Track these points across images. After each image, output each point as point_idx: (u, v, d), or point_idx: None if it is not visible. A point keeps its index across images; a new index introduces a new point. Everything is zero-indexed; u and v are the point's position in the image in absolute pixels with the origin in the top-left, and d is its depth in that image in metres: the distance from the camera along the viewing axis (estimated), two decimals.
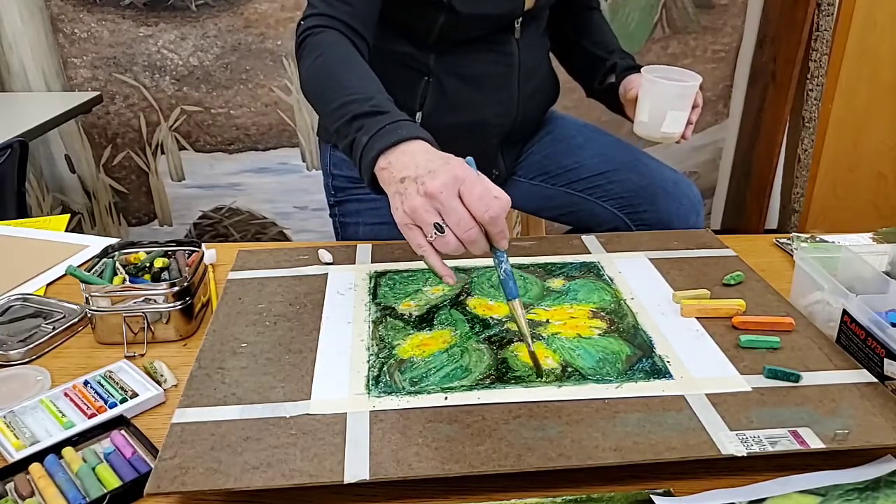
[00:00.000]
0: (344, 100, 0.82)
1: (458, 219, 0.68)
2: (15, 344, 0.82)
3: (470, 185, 0.68)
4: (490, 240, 0.71)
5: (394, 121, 0.77)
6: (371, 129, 0.77)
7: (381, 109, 0.79)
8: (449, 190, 0.68)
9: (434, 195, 0.68)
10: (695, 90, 1.06)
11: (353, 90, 0.83)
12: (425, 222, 0.69)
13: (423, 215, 0.69)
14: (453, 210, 0.68)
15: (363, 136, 0.77)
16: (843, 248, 0.86)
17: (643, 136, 1.09)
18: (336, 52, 0.89)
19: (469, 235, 0.68)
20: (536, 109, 1.21)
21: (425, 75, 1.08)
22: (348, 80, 0.85)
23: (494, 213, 0.68)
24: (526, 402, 0.68)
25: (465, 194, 0.68)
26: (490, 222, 0.68)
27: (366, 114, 0.79)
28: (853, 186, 2.32)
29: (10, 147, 1.55)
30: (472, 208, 0.68)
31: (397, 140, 0.74)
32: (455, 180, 0.68)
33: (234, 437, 0.64)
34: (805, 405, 0.68)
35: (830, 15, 2.14)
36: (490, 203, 0.68)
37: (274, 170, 2.48)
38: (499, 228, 0.69)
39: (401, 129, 0.75)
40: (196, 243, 0.93)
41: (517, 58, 1.11)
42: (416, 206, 0.69)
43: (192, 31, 2.27)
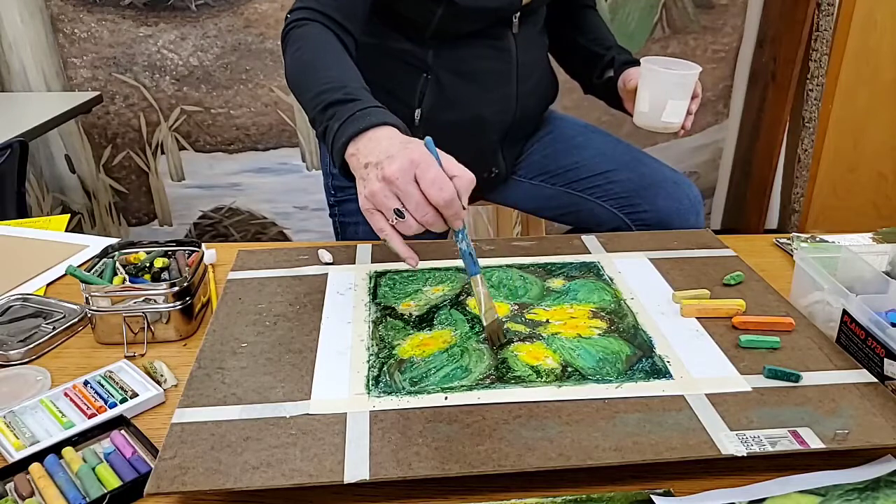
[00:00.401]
0: (319, 88, 0.83)
1: (415, 203, 0.70)
2: (15, 344, 0.82)
3: (424, 168, 0.70)
4: (446, 221, 0.72)
5: (364, 108, 0.78)
6: (342, 116, 0.78)
7: (353, 97, 0.80)
8: (405, 175, 0.70)
9: (391, 180, 0.70)
10: (694, 79, 1.06)
11: (329, 79, 0.84)
12: (386, 207, 0.71)
13: (383, 200, 0.71)
14: (409, 195, 0.70)
15: (335, 123, 0.79)
16: (843, 248, 0.86)
17: (643, 127, 1.09)
18: (316, 43, 0.91)
19: (426, 219, 0.71)
20: (535, 107, 1.22)
21: (424, 72, 1.08)
22: (325, 69, 0.87)
23: (448, 196, 0.69)
24: (526, 402, 0.68)
25: (420, 178, 0.70)
26: (444, 205, 0.70)
27: (338, 101, 0.80)
28: (853, 186, 2.32)
29: (10, 147, 1.55)
30: (426, 192, 0.70)
31: (365, 126, 0.76)
32: (411, 164, 0.70)
33: (234, 437, 0.64)
34: (805, 405, 0.68)
35: (830, 15, 2.14)
36: (443, 186, 0.69)
37: (274, 170, 2.48)
38: (452, 211, 0.71)
39: (369, 116, 0.77)
40: (196, 243, 0.93)
41: (515, 55, 1.11)
42: (376, 190, 0.71)
43: (192, 31, 2.27)
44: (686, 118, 1.07)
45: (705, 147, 2.64)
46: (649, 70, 1.05)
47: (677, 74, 1.04)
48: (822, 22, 2.15)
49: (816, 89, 2.23)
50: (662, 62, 1.06)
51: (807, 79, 2.23)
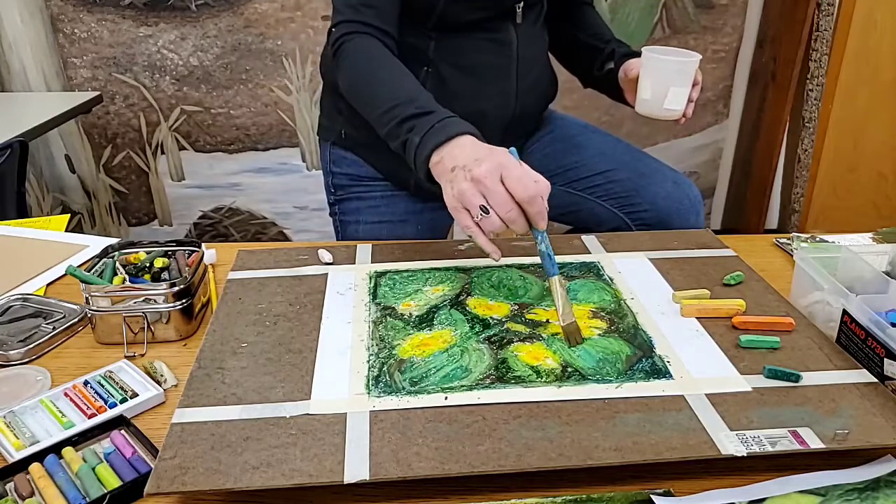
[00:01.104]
0: (389, 104, 0.90)
1: (500, 200, 0.76)
2: (15, 344, 0.82)
3: (511, 169, 0.77)
4: (529, 220, 0.78)
5: (441, 119, 0.85)
6: (422, 129, 0.85)
7: (427, 109, 0.87)
8: (492, 175, 0.76)
9: (479, 180, 0.77)
10: (695, 66, 1.07)
11: (396, 94, 0.91)
12: (472, 204, 0.77)
13: (470, 198, 0.77)
14: (496, 193, 0.76)
15: (415, 137, 0.85)
16: (843, 248, 0.86)
17: (645, 115, 1.09)
18: (372, 57, 0.97)
19: (510, 216, 0.76)
20: (535, 103, 1.22)
21: (424, 65, 1.08)
22: (389, 84, 0.93)
23: (532, 194, 0.76)
24: (526, 402, 0.68)
25: (506, 178, 0.76)
26: (528, 202, 0.76)
27: (413, 116, 0.87)
28: (853, 186, 2.32)
29: (10, 147, 1.55)
30: (512, 191, 0.76)
31: (447, 137, 0.83)
32: (498, 166, 0.77)
33: (234, 437, 0.64)
34: (805, 405, 0.68)
35: (830, 15, 2.14)
36: (528, 185, 0.76)
37: (274, 170, 2.48)
38: (536, 209, 0.77)
39: (448, 127, 0.84)
40: (196, 243, 0.93)
41: (516, 49, 1.11)
42: (464, 189, 0.78)
43: (192, 31, 2.27)
44: (687, 105, 1.08)
45: (705, 147, 2.64)
46: (650, 58, 1.05)
47: (678, 62, 1.05)
48: (822, 22, 2.15)
49: (816, 89, 2.22)
50: (662, 51, 1.07)
51: (807, 79, 2.23)
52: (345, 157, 1.20)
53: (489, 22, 1.08)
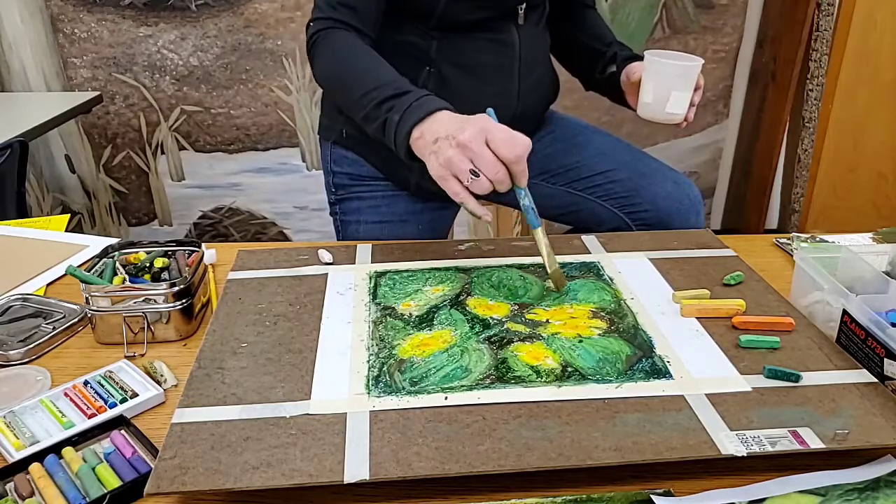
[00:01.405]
0: (367, 88, 0.92)
1: (488, 163, 0.79)
2: (15, 344, 0.82)
3: (495, 132, 0.80)
4: (512, 179, 0.82)
5: (418, 97, 0.88)
6: (401, 108, 0.87)
7: (404, 90, 0.90)
8: (477, 139, 0.79)
9: (465, 145, 0.79)
10: (697, 70, 1.07)
11: (373, 78, 0.93)
12: (461, 170, 0.80)
13: (458, 164, 0.80)
14: (483, 156, 0.79)
15: (394, 115, 0.88)
16: (843, 248, 0.86)
17: (647, 118, 1.10)
18: (347, 48, 0.98)
19: (498, 176, 0.80)
20: (536, 104, 1.22)
21: (427, 65, 1.08)
22: (364, 71, 0.95)
23: (519, 153, 0.80)
24: (526, 402, 0.68)
25: (491, 141, 0.80)
26: (515, 161, 0.80)
27: (391, 96, 0.89)
28: (853, 186, 2.32)
29: (10, 147, 1.55)
30: (498, 152, 0.79)
31: (426, 113, 0.86)
32: (482, 131, 0.80)
33: (234, 437, 0.64)
34: (805, 405, 0.68)
35: (830, 15, 2.14)
36: (514, 146, 0.80)
37: (274, 170, 2.48)
38: (521, 167, 0.81)
39: (426, 104, 0.87)
40: (196, 243, 0.93)
41: (518, 50, 1.11)
42: (451, 156, 0.80)
43: (192, 31, 2.27)
44: (689, 109, 1.08)
45: (705, 147, 2.64)
46: (653, 62, 1.05)
47: (681, 66, 1.05)
48: (822, 22, 2.15)
49: (816, 89, 2.22)
50: (664, 55, 1.07)
51: (807, 79, 2.23)
52: (345, 157, 1.20)
53: (491, 22, 1.08)
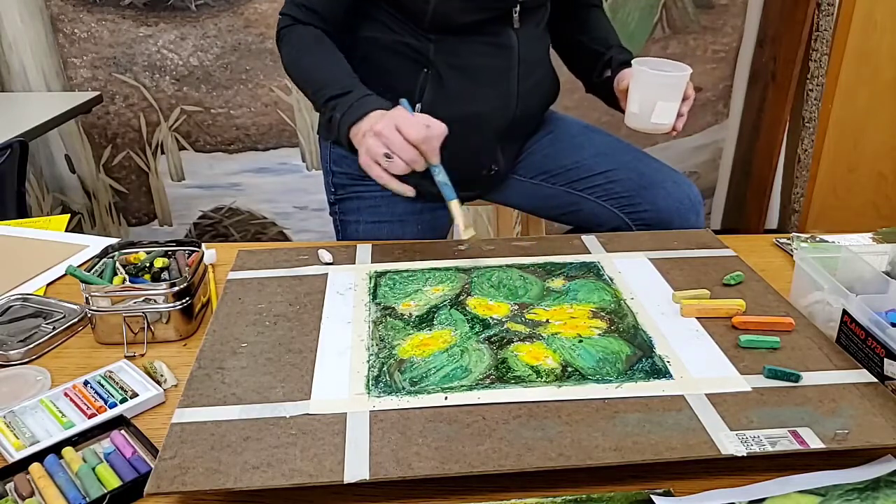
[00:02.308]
0: (317, 86, 1.02)
1: (398, 145, 0.89)
2: (15, 344, 0.82)
3: (403, 119, 0.91)
4: (425, 158, 0.92)
5: (359, 98, 0.98)
6: (343, 107, 0.98)
7: (348, 89, 0.99)
8: (389, 126, 0.90)
9: (379, 133, 0.90)
10: (685, 81, 1.05)
11: (323, 76, 1.03)
12: (377, 154, 0.90)
13: (375, 149, 0.91)
14: (394, 140, 0.89)
15: (338, 114, 0.98)
16: (843, 248, 0.86)
17: (634, 128, 1.09)
18: (305, 44, 1.07)
19: (409, 156, 0.90)
20: (535, 106, 1.22)
21: (424, 67, 1.08)
22: (317, 67, 1.05)
23: (424, 135, 0.90)
24: (526, 402, 0.68)
25: (400, 127, 0.90)
26: (422, 142, 0.90)
27: (336, 95, 0.99)
28: (853, 186, 2.32)
29: (10, 147, 1.55)
30: (406, 135, 0.89)
31: (363, 113, 0.95)
32: (392, 119, 0.91)
33: (234, 437, 0.64)
34: (805, 405, 0.68)
35: (830, 15, 2.14)
36: (419, 129, 0.90)
37: (274, 170, 2.48)
38: (429, 146, 0.91)
39: (364, 105, 0.96)
40: (196, 243, 0.93)
41: (517, 52, 1.11)
42: (370, 144, 0.91)
43: (192, 31, 2.27)
44: (678, 120, 1.07)
45: (705, 147, 2.64)
46: (639, 71, 1.05)
47: (666, 76, 1.04)
48: (822, 22, 2.15)
49: (816, 89, 2.22)
50: (654, 63, 1.06)
51: (807, 79, 2.23)
52: (345, 157, 1.20)
53: (487, 25, 1.08)
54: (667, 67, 1.06)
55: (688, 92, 1.07)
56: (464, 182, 1.22)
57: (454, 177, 1.23)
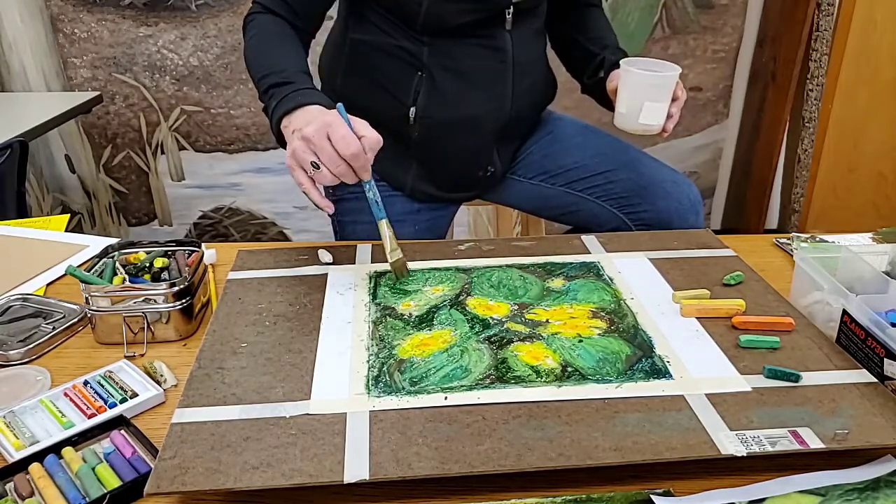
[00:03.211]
0: (264, 72, 0.97)
1: (328, 157, 0.83)
2: (15, 344, 0.82)
3: (335, 128, 0.83)
4: (356, 173, 0.85)
5: (297, 89, 0.92)
6: (279, 96, 0.93)
7: (289, 80, 0.94)
8: (319, 133, 0.83)
9: (308, 139, 0.83)
10: (673, 81, 1.04)
11: (270, 63, 0.98)
12: (304, 161, 0.84)
13: (302, 155, 0.84)
14: (323, 150, 0.83)
15: (273, 102, 0.93)
16: (843, 248, 0.86)
17: (622, 129, 1.07)
18: (266, 32, 1.04)
19: (339, 170, 0.84)
20: (530, 107, 1.21)
21: (418, 70, 1.08)
22: (269, 56, 1.01)
23: (354, 151, 0.82)
24: (526, 402, 0.68)
25: (331, 136, 0.82)
26: (351, 158, 0.83)
27: (277, 84, 0.94)
28: (853, 186, 2.32)
29: (10, 147, 1.55)
30: (336, 147, 0.82)
31: (296, 105, 0.90)
32: (324, 126, 0.83)
33: (234, 437, 0.64)
34: (805, 405, 0.68)
35: (830, 15, 2.14)
36: (350, 143, 0.82)
37: (274, 170, 2.48)
38: (359, 163, 0.84)
39: (300, 96, 0.91)
40: (196, 243, 0.93)
41: (511, 54, 1.11)
42: (296, 148, 0.85)
43: (192, 31, 2.27)
44: (667, 120, 1.06)
45: (705, 147, 2.64)
46: (626, 71, 1.03)
47: (653, 76, 1.02)
48: (822, 22, 2.15)
49: (816, 89, 2.22)
50: (644, 63, 1.05)
51: (807, 79, 2.23)
52: None
53: (480, 27, 1.08)
54: (657, 68, 1.04)
55: (677, 92, 1.06)
56: (461, 184, 1.23)
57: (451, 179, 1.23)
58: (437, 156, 1.16)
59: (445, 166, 1.17)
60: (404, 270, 0.91)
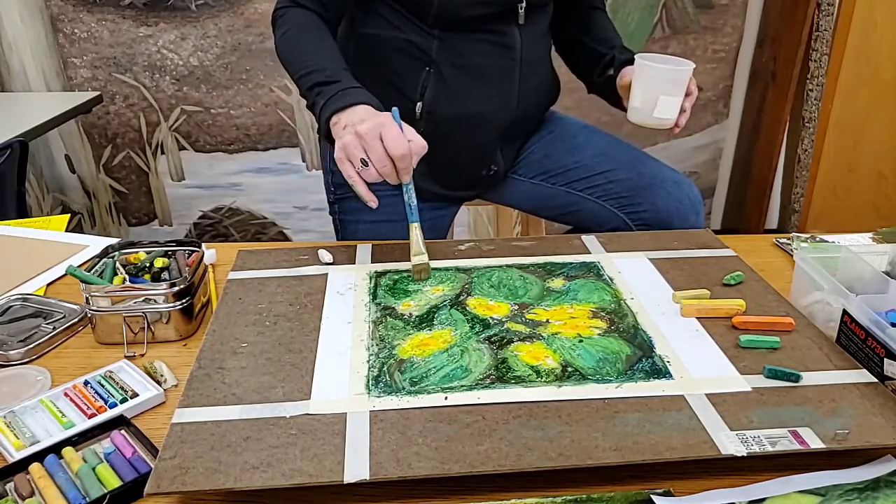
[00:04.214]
0: (306, 69, 0.99)
1: (377, 155, 0.86)
2: (15, 344, 0.82)
3: (388, 129, 0.87)
4: (398, 173, 0.88)
5: (344, 88, 0.95)
6: (327, 94, 0.95)
7: (334, 78, 0.96)
8: (372, 132, 0.86)
9: (361, 135, 0.86)
10: (688, 75, 1.05)
11: (312, 61, 1.00)
12: (354, 156, 0.87)
13: (353, 151, 0.87)
14: (374, 148, 0.86)
15: (321, 100, 0.95)
16: (843, 248, 0.86)
17: (636, 123, 1.08)
18: (301, 27, 1.05)
19: (385, 169, 0.87)
20: (536, 106, 1.22)
21: (427, 65, 1.09)
22: (307, 51, 1.02)
23: (404, 152, 0.86)
24: (526, 402, 0.68)
25: (384, 137, 0.86)
26: (399, 158, 0.86)
27: (322, 83, 0.96)
28: (853, 186, 2.32)
29: (10, 147, 1.55)
30: (388, 148, 0.86)
31: (347, 104, 0.92)
32: (378, 126, 0.87)
33: (234, 437, 0.64)
34: (805, 405, 0.68)
35: (830, 15, 2.14)
36: (401, 144, 0.86)
37: (274, 170, 2.48)
38: (404, 165, 0.87)
39: (349, 96, 0.93)
40: (196, 243, 0.93)
41: (519, 52, 1.11)
42: (348, 143, 0.87)
43: (192, 31, 2.27)
44: (680, 115, 1.07)
45: (705, 147, 2.64)
46: (642, 66, 1.05)
47: (669, 70, 1.04)
48: (822, 22, 2.15)
49: (816, 89, 2.22)
50: (657, 59, 1.06)
51: (807, 79, 2.23)
52: None
53: (492, 23, 1.08)
54: (669, 63, 1.06)
55: (690, 87, 1.07)
56: (463, 182, 1.23)
57: (454, 176, 1.23)
58: (442, 152, 1.15)
59: (449, 163, 1.17)
60: (425, 274, 0.92)
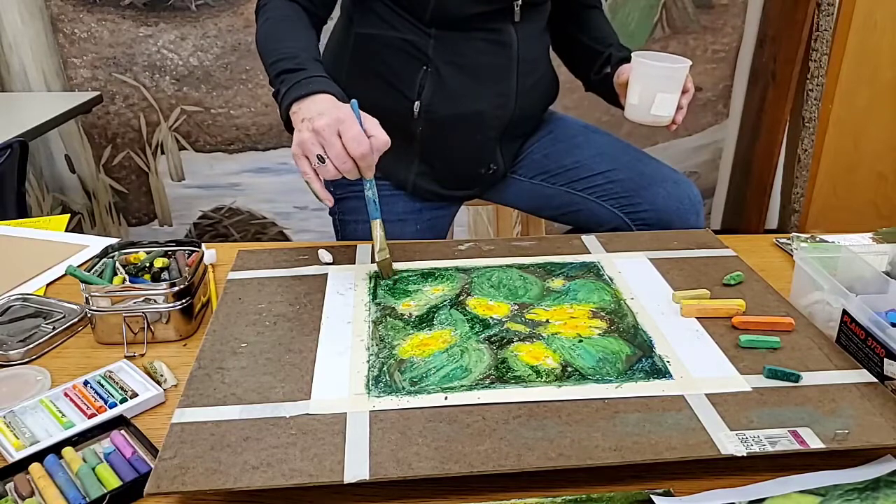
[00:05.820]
0: (276, 57, 0.97)
1: (335, 153, 0.84)
2: (15, 344, 0.82)
3: (348, 126, 0.84)
4: (360, 171, 0.86)
5: (309, 76, 0.92)
6: (290, 82, 0.92)
7: (301, 66, 0.94)
8: (330, 128, 0.83)
9: (319, 132, 0.84)
10: (684, 73, 1.05)
11: (282, 49, 0.98)
12: (311, 153, 0.85)
13: (310, 147, 0.85)
14: (332, 145, 0.84)
15: (283, 88, 0.93)
16: (843, 248, 0.86)
17: (633, 120, 1.09)
18: (280, 17, 1.04)
19: (345, 167, 0.85)
20: (534, 105, 1.22)
21: (424, 64, 1.09)
22: (282, 41, 1.01)
23: (363, 151, 0.84)
24: (526, 401, 0.68)
25: (342, 133, 0.84)
26: (360, 158, 0.84)
27: (289, 70, 0.94)
28: (853, 186, 2.32)
29: (10, 147, 1.55)
30: (346, 146, 0.83)
31: (308, 92, 0.90)
32: (336, 121, 0.84)
33: (234, 437, 0.64)
34: (805, 405, 0.68)
35: (830, 15, 2.14)
36: (361, 143, 0.84)
37: (274, 170, 2.48)
38: (366, 163, 0.86)
39: (311, 84, 0.91)
40: (196, 243, 0.93)
41: (516, 50, 1.11)
42: (305, 139, 0.85)
43: (192, 31, 2.27)
44: (677, 112, 1.07)
45: (705, 147, 2.64)
46: (639, 63, 1.05)
47: (666, 67, 1.04)
48: (822, 22, 2.15)
49: (816, 89, 2.22)
50: (654, 56, 1.06)
51: (807, 79, 2.23)
52: None
53: (488, 21, 1.08)
54: (667, 61, 1.06)
55: (687, 85, 1.08)
56: (463, 181, 1.23)
57: (453, 175, 1.23)
58: (441, 151, 1.16)
59: (448, 162, 1.17)
60: (389, 270, 0.92)
